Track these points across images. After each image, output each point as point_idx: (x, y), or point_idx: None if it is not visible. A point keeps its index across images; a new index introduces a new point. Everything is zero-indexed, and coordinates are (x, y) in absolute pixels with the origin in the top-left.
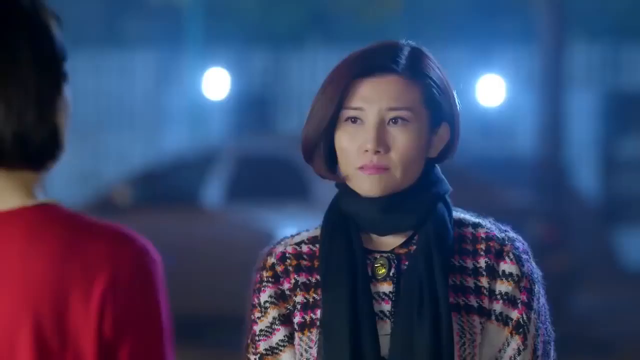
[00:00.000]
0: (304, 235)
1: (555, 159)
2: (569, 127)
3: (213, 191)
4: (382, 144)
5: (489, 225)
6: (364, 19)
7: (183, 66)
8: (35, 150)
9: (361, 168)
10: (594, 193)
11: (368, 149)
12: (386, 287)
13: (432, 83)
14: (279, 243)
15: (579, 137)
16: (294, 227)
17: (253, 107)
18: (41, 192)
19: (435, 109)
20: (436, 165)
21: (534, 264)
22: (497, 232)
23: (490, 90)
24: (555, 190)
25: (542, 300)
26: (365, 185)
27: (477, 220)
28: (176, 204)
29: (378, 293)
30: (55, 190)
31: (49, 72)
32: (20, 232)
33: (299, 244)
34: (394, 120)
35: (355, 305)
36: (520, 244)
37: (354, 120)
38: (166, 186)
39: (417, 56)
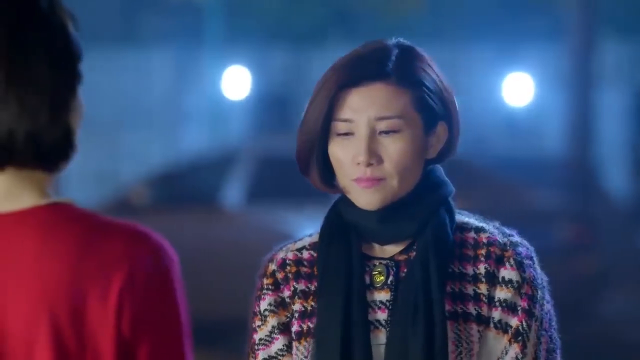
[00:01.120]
0: (306, 241)
1: (584, 158)
2: (598, 127)
3: (233, 192)
4: (374, 155)
5: (492, 229)
6: (387, 16)
7: (202, 65)
8: (47, 150)
9: (356, 180)
10: (623, 193)
11: (360, 162)
12: (383, 296)
13: (422, 86)
14: (281, 248)
15: (608, 136)
16: (315, 229)
17: (273, 106)
18: (53, 193)
19: (428, 111)
20: (438, 166)
21: (538, 269)
22: (499, 237)
23: (517, 89)
24: (584, 190)
25: (547, 307)
26: (362, 199)
27: (480, 224)
28: (195, 205)
29: (375, 301)
30: (72, 191)
31: (64, 72)
32: (34, 231)
33: (300, 249)
34: (385, 130)
35: (349, 314)
36: (524, 249)
37: (345, 132)
38: (185, 187)
39: (405, 59)
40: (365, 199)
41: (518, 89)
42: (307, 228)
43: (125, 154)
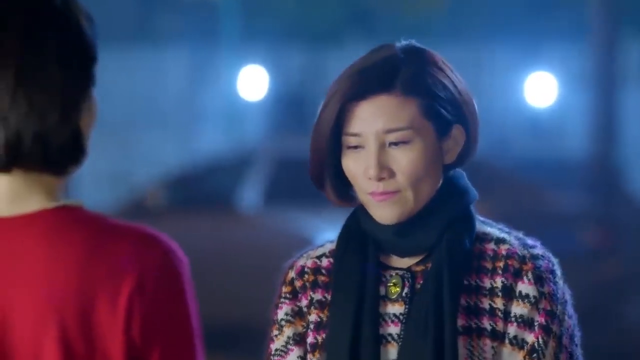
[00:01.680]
0: (327, 247)
1: (608, 160)
2: (622, 127)
3: (250, 194)
4: (384, 169)
5: (513, 241)
6: (406, 15)
7: (218, 64)
8: (55, 152)
9: (371, 194)
10: None
11: (371, 177)
12: (397, 308)
13: (431, 93)
14: (302, 255)
15: (633, 137)
16: (335, 232)
17: (290, 106)
18: (63, 196)
19: (439, 117)
20: (461, 171)
21: (560, 283)
22: (519, 249)
23: (539, 89)
24: (608, 192)
25: (568, 322)
26: (379, 213)
27: (501, 235)
28: (211, 207)
29: (388, 314)
30: (85, 192)
31: (76, 73)
32: (42, 235)
33: (320, 257)
34: (395, 142)
35: (359, 328)
36: (545, 262)
37: (355, 146)
38: (201, 189)
39: (412, 66)
40: (382, 213)
41: (540, 88)
42: (325, 231)
43: (139, 154)
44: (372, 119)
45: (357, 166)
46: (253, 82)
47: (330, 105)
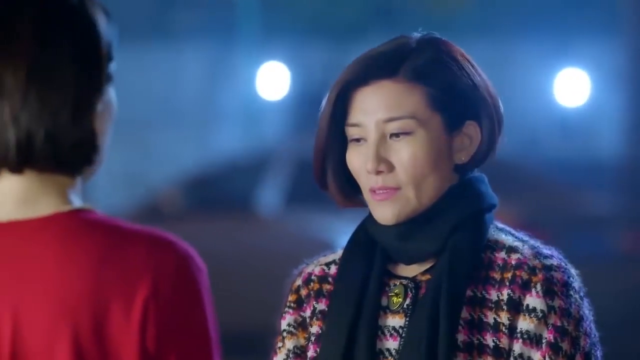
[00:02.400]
0: (338, 254)
1: None
2: None
3: (269, 197)
4: (382, 162)
5: (525, 250)
6: (432, 10)
7: (237, 61)
8: (68, 152)
9: (371, 191)
10: None
11: (369, 170)
12: (397, 321)
13: (439, 81)
14: (313, 261)
15: None
16: None
17: (312, 105)
18: (77, 198)
19: (449, 109)
20: (482, 175)
21: (576, 298)
22: (529, 259)
23: (570, 86)
24: None
25: (585, 341)
26: (378, 214)
27: (514, 244)
28: (229, 210)
29: (387, 327)
30: (100, 194)
31: (91, 72)
32: (55, 239)
33: (329, 264)
34: (396, 133)
35: (354, 341)
36: (559, 274)
37: (357, 138)
38: (218, 191)
39: (421, 53)
40: (380, 212)
41: (571, 86)
42: (347, 235)
43: (155, 155)
44: (373, 107)
45: (358, 160)
46: (273, 80)
47: (332, 93)
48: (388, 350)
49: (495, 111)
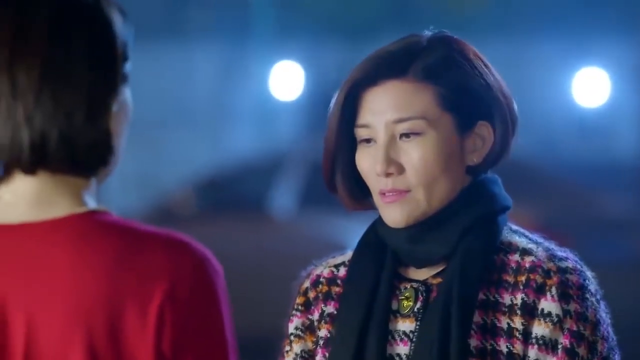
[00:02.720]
0: (348, 256)
1: None
2: None
3: (282, 199)
4: (392, 164)
5: (539, 252)
6: (449, 9)
7: (250, 61)
8: (82, 153)
9: (381, 194)
10: None
11: (378, 173)
12: (408, 325)
13: (450, 81)
14: (320, 263)
15: None
16: None
17: (326, 106)
18: (92, 200)
19: (460, 109)
20: (495, 177)
21: (592, 301)
22: (544, 262)
23: (590, 86)
24: None
25: (602, 346)
26: (388, 216)
27: (528, 246)
28: (242, 212)
29: (398, 331)
30: (111, 196)
31: (106, 71)
32: (69, 241)
33: (337, 266)
34: (406, 133)
35: (364, 346)
36: (575, 277)
37: (367, 140)
38: (232, 193)
39: (431, 51)
40: (390, 215)
41: (591, 86)
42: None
43: (167, 156)
44: (382, 107)
45: (367, 162)
46: (287, 80)
47: (340, 93)
48: (398, 355)
49: (509, 111)
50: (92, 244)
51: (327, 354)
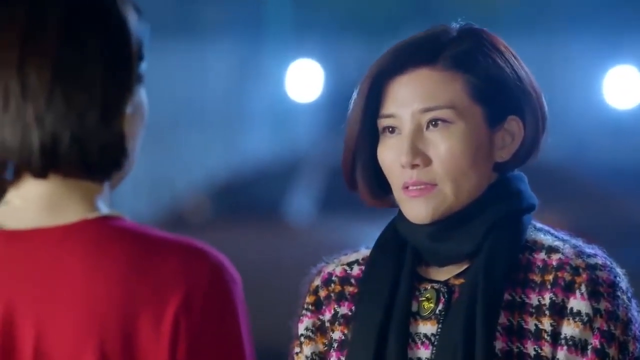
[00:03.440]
0: (362, 254)
1: None
2: None
3: (300, 204)
4: (419, 155)
5: (567, 250)
6: (473, 5)
7: (266, 59)
8: (94, 156)
9: (404, 188)
10: None
11: (403, 164)
12: (429, 328)
13: (481, 71)
14: (333, 260)
15: None
16: None
17: (346, 107)
18: (105, 205)
19: (491, 101)
20: (521, 174)
21: (624, 299)
22: (572, 259)
23: (622, 85)
24: None
25: (634, 346)
26: (411, 211)
27: (555, 243)
28: (258, 219)
29: (419, 334)
30: (123, 201)
31: (120, 71)
32: (82, 247)
33: (351, 264)
34: (433, 122)
35: (384, 349)
36: (605, 273)
37: (391, 130)
38: (247, 198)
39: (462, 41)
40: (414, 210)
41: (623, 85)
42: None
43: (180, 159)
44: (409, 96)
45: (391, 154)
46: (305, 80)
47: (364, 83)
48: (419, 359)
49: (539, 107)
50: (105, 250)
51: (341, 357)
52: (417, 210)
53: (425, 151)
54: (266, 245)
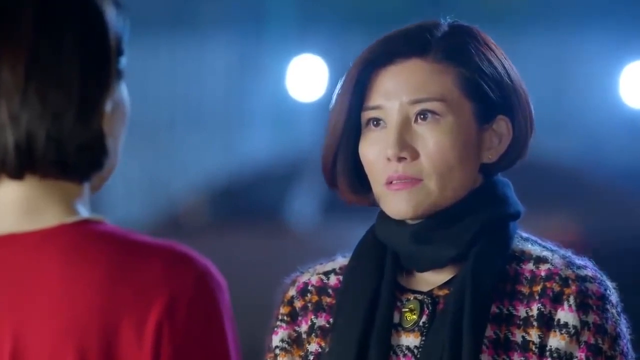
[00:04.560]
0: (338, 262)
1: None
2: None
3: (302, 208)
4: (406, 147)
5: (556, 260)
6: (484, 3)
7: (268, 56)
8: (72, 156)
9: (388, 183)
10: None
11: (389, 157)
12: (412, 340)
13: (473, 65)
14: (308, 270)
15: None
16: None
17: None
18: (84, 208)
19: (481, 97)
20: (506, 180)
21: (613, 313)
22: (561, 270)
23: (638, 83)
24: None
25: None
26: (393, 204)
27: (543, 253)
28: (258, 223)
29: (401, 347)
30: (116, 205)
31: (98, 68)
32: (60, 252)
33: (328, 273)
34: (422, 115)
35: None
36: (595, 286)
37: (375, 122)
38: (247, 202)
39: (454, 35)
40: (396, 204)
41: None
42: None
43: (177, 161)
44: (397, 88)
45: (375, 148)
46: (309, 77)
47: (350, 74)
48: None
49: (528, 109)
50: (84, 255)
51: None
52: (399, 204)
53: (413, 144)
54: (267, 251)
